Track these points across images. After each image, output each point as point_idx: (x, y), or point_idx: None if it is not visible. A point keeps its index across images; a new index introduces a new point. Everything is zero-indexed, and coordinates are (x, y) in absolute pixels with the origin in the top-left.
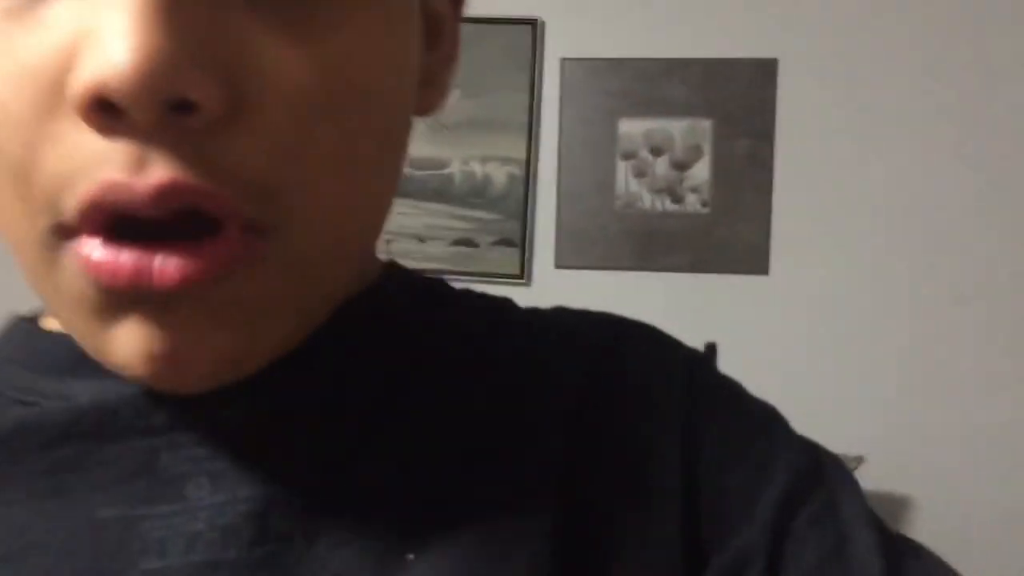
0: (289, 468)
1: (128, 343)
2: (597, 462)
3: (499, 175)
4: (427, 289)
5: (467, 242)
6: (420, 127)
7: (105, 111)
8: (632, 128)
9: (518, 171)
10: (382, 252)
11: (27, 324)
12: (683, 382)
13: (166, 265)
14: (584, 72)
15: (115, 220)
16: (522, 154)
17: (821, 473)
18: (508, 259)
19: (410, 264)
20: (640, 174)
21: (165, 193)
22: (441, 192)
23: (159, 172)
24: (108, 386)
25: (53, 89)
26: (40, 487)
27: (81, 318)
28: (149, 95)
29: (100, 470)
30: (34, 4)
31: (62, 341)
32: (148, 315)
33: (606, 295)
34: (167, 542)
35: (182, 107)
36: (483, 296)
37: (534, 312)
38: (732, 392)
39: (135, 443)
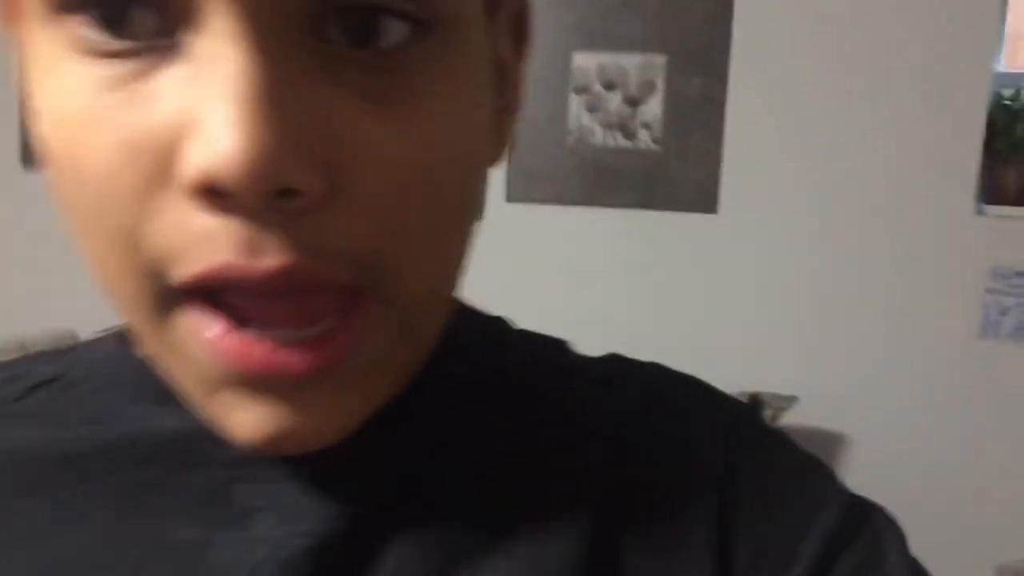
0: (348, 508)
1: (249, 421)
2: (631, 512)
3: None
4: (491, 330)
5: None
6: None
7: (214, 194)
8: (585, 62)
9: None
10: None
11: (123, 349)
12: (723, 436)
13: (295, 357)
14: (539, 4)
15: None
16: None
17: (863, 524)
18: None
19: None
20: (592, 109)
21: (278, 277)
22: None
23: (272, 258)
24: (192, 416)
25: (159, 165)
26: (123, 505)
27: (196, 383)
28: (257, 185)
29: (180, 495)
30: (138, 80)
31: (152, 371)
32: (273, 396)
33: (556, 230)
34: (231, 568)
35: (286, 193)
36: (539, 338)
37: (588, 359)
38: (775, 445)
39: (214, 472)
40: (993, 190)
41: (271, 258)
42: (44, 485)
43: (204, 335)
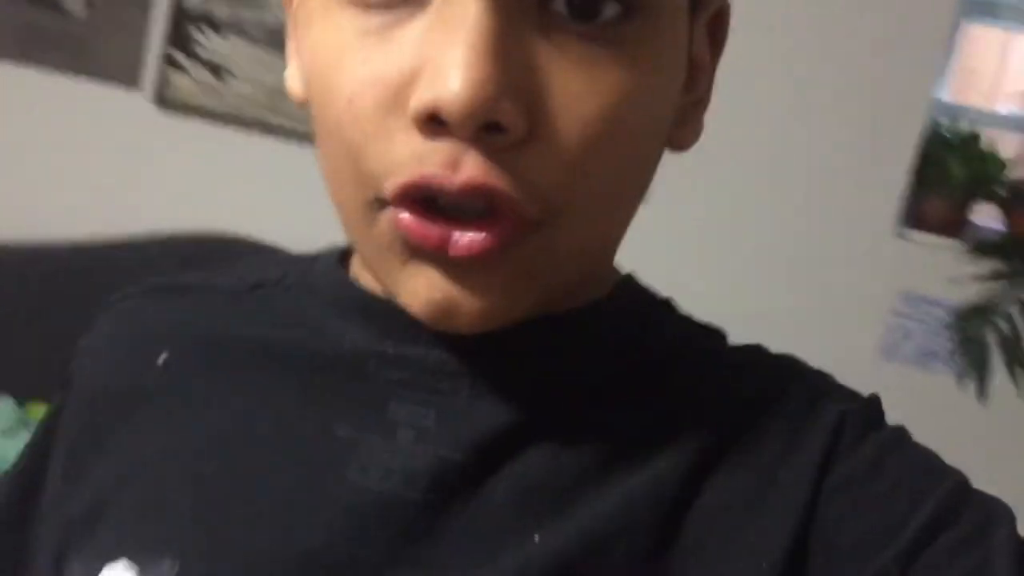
0: (470, 439)
1: (418, 288)
2: (733, 465)
3: None
4: (655, 303)
5: None
6: None
7: (434, 121)
8: None
9: None
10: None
11: (336, 267)
12: (839, 419)
13: (462, 240)
14: None
15: (423, 198)
16: None
17: (971, 507)
18: None
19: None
20: None
21: (472, 188)
22: None
23: (469, 171)
24: (370, 337)
25: (394, 96)
26: (300, 398)
27: (386, 261)
28: (472, 118)
29: (345, 400)
30: (389, 28)
31: (353, 290)
32: (439, 270)
33: None
34: (370, 467)
35: (492, 127)
36: (697, 323)
37: (735, 347)
38: (890, 435)
39: (376, 387)
40: (917, 217)
41: (468, 171)
42: (244, 368)
43: (400, 220)
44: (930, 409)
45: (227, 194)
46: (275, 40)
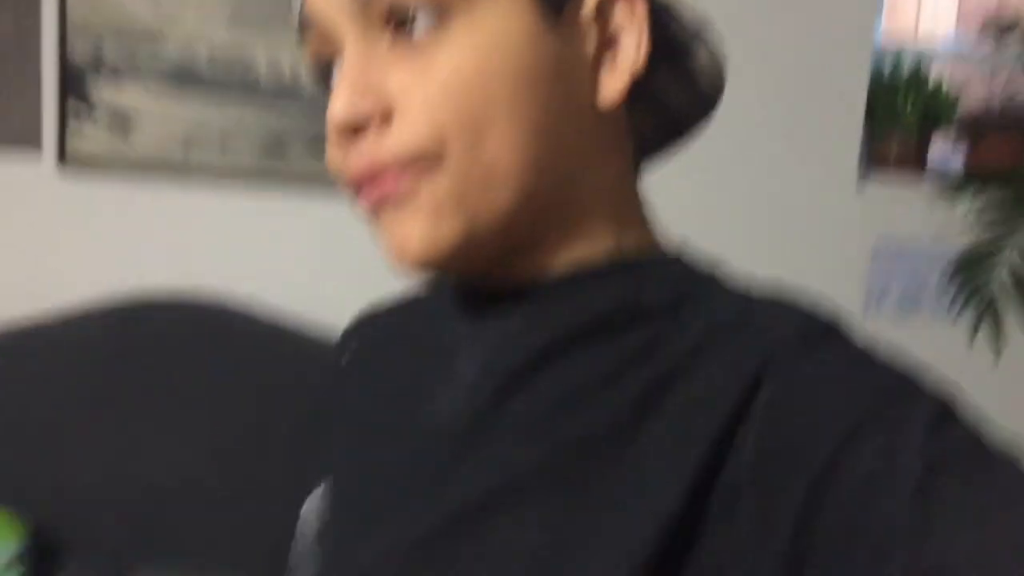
0: (493, 377)
1: (386, 239)
2: (678, 392)
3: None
4: (675, 274)
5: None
6: (222, 17)
7: (337, 134)
8: None
9: None
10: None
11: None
12: (749, 378)
13: (372, 191)
14: None
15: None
16: None
17: (894, 409)
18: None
19: (213, 168)
20: None
21: (362, 172)
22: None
23: (356, 161)
24: (451, 309)
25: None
26: (421, 359)
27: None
28: (345, 123)
29: (436, 357)
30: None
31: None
32: (385, 221)
33: None
34: (436, 399)
35: (362, 125)
36: (722, 291)
37: (739, 300)
38: (840, 349)
39: (450, 344)
40: (876, 161)
41: (356, 162)
42: (398, 350)
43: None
44: (920, 353)
45: (156, 248)
46: (178, 76)
